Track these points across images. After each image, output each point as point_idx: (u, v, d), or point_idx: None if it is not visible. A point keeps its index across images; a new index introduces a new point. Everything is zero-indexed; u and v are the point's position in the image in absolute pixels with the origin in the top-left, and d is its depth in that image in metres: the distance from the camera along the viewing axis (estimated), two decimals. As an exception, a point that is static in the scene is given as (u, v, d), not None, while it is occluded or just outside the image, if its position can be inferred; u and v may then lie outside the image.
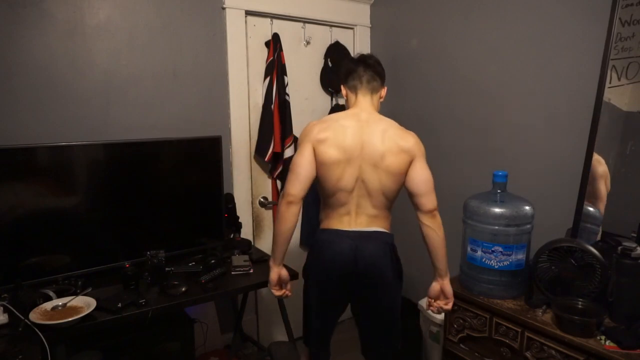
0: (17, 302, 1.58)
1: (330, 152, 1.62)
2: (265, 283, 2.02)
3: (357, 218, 1.68)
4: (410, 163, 1.65)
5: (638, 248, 1.49)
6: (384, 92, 1.78)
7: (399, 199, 2.89)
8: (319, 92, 2.80)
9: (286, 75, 2.52)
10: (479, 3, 2.22)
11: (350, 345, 2.17)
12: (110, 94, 2.09)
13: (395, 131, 1.66)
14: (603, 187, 1.75)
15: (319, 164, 1.65)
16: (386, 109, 2.90)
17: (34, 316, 1.52)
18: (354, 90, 1.73)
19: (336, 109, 2.80)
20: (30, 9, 1.87)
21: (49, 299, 1.66)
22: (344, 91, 1.78)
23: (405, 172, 1.66)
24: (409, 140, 1.65)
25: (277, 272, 1.72)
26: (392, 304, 1.72)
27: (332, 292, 1.70)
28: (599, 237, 1.74)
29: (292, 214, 1.62)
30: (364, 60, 1.73)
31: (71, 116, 2.00)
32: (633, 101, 1.66)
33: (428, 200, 1.64)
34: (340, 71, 1.81)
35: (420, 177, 1.66)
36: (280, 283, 1.75)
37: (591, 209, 1.77)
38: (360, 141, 1.62)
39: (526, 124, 2.07)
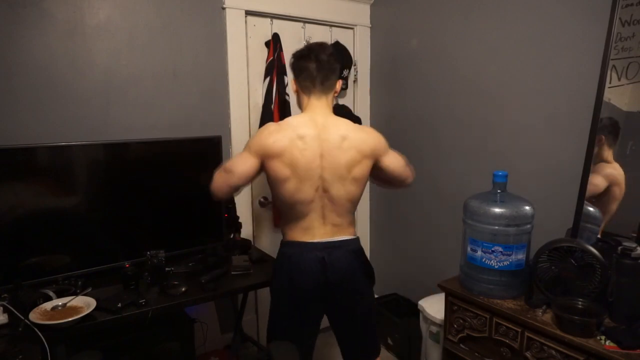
0: (17, 302, 1.58)
1: (281, 169, 1.54)
2: (265, 283, 2.02)
3: (321, 228, 1.61)
4: (377, 162, 1.63)
5: (638, 248, 1.49)
6: (338, 85, 1.67)
7: (397, 200, 2.89)
8: (319, 92, 2.79)
9: (286, 75, 2.52)
10: (479, 3, 2.22)
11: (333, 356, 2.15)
12: (110, 94, 2.09)
13: (354, 135, 1.58)
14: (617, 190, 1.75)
15: (270, 177, 1.59)
16: (386, 109, 2.92)
17: (34, 316, 1.52)
18: (307, 91, 1.61)
19: (336, 108, 2.80)
20: (30, 9, 1.88)
21: (49, 299, 1.66)
22: (294, 86, 1.65)
23: (369, 173, 1.65)
24: (369, 142, 1.60)
25: None
26: (368, 309, 1.71)
27: (305, 307, 1.62)
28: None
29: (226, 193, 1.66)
30: (317, 56, 1.58)
31: (71, 116, 2.00)
32: (633, 101, 1.66)
33: (407, 175, 1.73)
34: (290, 61, 1.65)
35: (395, 165, 1.68)
36: None
37: (591, 209, 1.77)
38: (319, 152, 1.54)
39: (526, 124, 2.07)
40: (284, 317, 1.66)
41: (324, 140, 1.55)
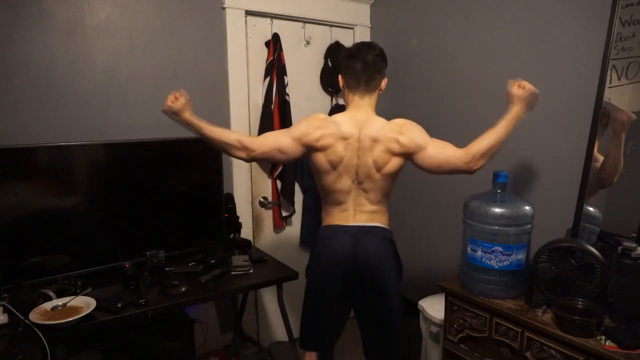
0: (17, 302, 1.58)
1: (324, 163, 1.65)
2: (265, 283, 2.02)
3: (355, 215, 1.69)
4: (413, 155, 1.63)
5: (638, 248, 1.49)
6: (384, 84, 1.73)
7: (397, 200, 2.88)
8: (319, 92, 2.80)
9: (286, 75, 2.52)
10: (479, 3, 2.22)
11: (352, 346, 2.16)
12: (110, 94, 2.09)
13: (385, 136, 1.61)
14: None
15: (313, 166, 1.70)
16: (386, 109, 2.90)
17: (34, 316, 1.53)
18: (352, 89, 1.69)
19: (336, 109, 2.80)
20: (30, 9, 1.87)
21: (49, 299, 1.66)
22: (341, 82, 1.75)
23: (401, 167, 1.67)
24: (403, 141, 1.61)
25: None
26: (394, 303, 1.69)
27: (333, 287, 1.67)
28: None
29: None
30: (363, 57, 1.65)
31: (71, 116, 2.00)
32: (633, 101, 1.66)
33: (453, 168, 1.64)
34: (339, 59, 1.73)
35: (429, 163, 1.64)
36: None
37: (591, 209, 1.77)
38: (357, 152, 1.63)
39: (526, 124, 2.06)
40: (312, 296, 1.71)
41: (360, 140, 1.62)
